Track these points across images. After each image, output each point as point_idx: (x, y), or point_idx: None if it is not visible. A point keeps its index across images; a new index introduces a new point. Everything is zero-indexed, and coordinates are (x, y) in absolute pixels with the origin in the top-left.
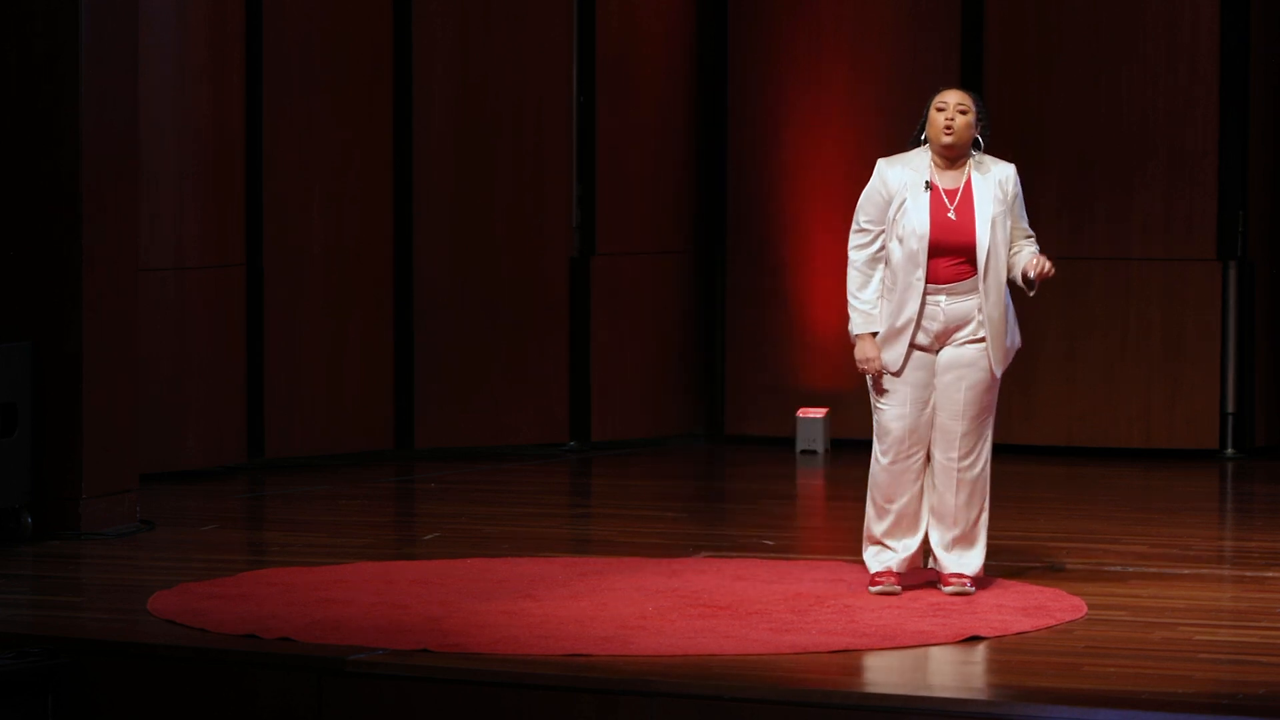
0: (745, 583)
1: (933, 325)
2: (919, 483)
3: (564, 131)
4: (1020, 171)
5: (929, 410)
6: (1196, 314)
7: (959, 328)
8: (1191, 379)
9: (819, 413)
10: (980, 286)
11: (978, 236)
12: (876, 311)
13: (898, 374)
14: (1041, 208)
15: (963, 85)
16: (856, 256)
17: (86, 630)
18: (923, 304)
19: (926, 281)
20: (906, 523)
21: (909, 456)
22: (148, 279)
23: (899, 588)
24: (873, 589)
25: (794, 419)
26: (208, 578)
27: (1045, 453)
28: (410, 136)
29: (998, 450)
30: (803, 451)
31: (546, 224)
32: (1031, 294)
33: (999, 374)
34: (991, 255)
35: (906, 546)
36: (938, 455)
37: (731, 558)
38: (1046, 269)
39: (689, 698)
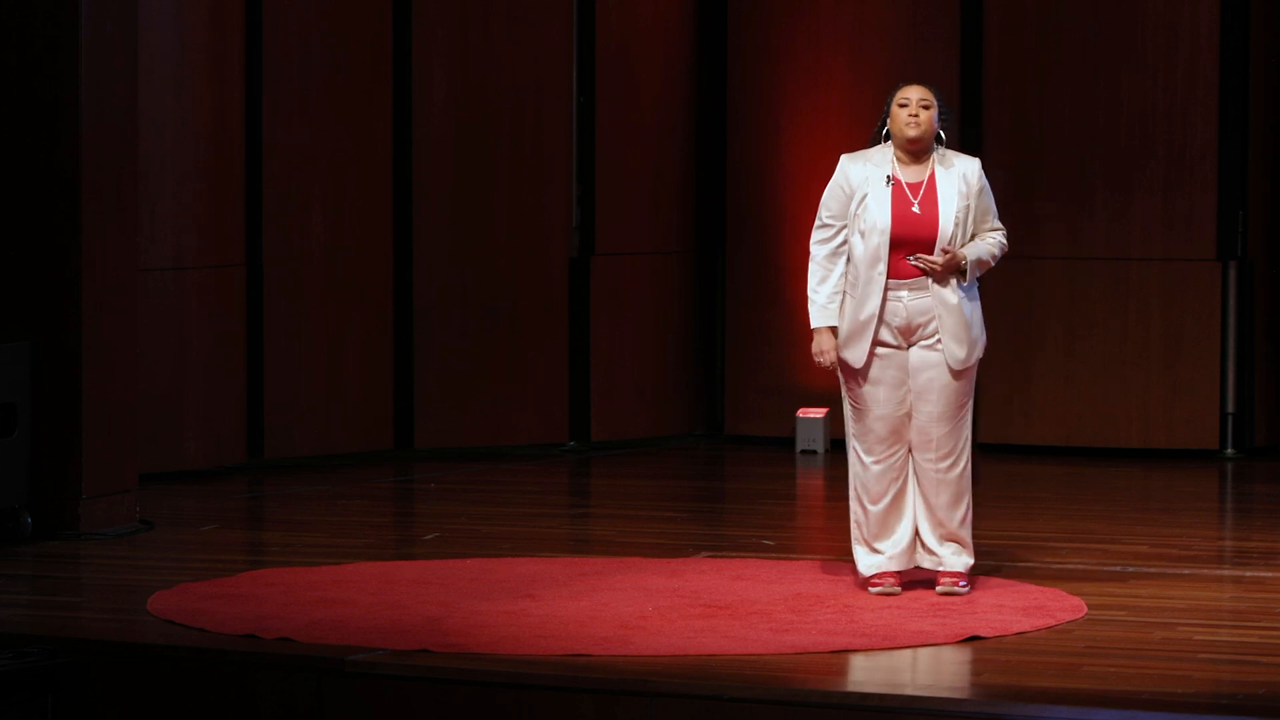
0: (745, 583)
1: (895, 320)
2: (902, 481)
3: (564, 131)
4: (1019, 171)
5: (907, 408)
6: (1196, 314)
7: (923, 324)
8: (1191, 379)
9: (819, 413)
10: (936, 282)
11: (940, 229)
12: (834, 306)
13: (862, 370)
14: (1041, 208)
15: (962, 86)
16: (817, 251)
17: (86, 630)
18: (884, 300)
19: (888, 277)
20: (893, 522)
21: (892, 455)
22: (148, 279)
23: (899, 588)
24: (873, 589)
25: (794, 419)
26: (208, 578)
27: (1045, 453)
28: (410, 136)
29: (998, 450)
30: (803, 451)
31: (546, 224)
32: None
33: (957, 368)
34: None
35: (895, 545)
36: (918, 457)
37: (731, 558)
38: (932, 261)
39: (689, 698)
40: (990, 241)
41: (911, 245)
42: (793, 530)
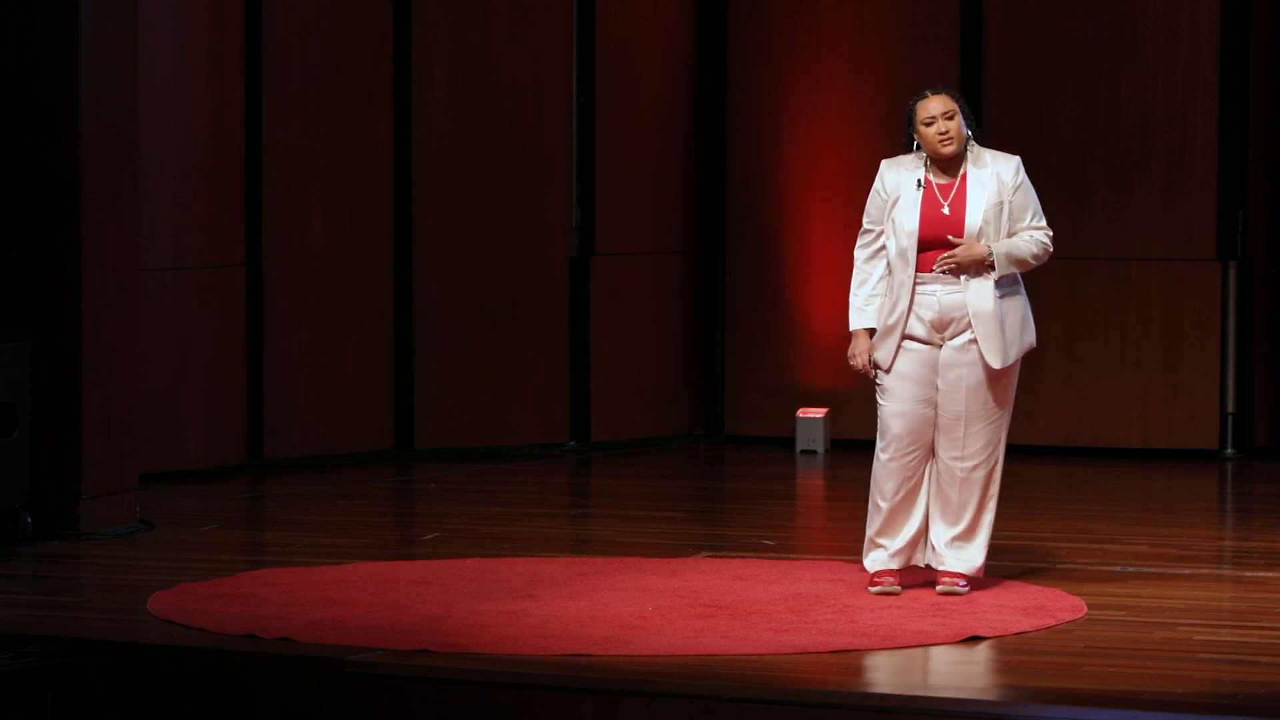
0: (745, 583)
1: (927, 314)
2: (915, 480)
3: (564, 131)
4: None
5: (930, 408)
6: (1196, 314)
7: (957, 319)
8: (1191, 379)
9: (819, 413)
10: (970, 279)
11: (967, 229)
12: (870, 309)
13: (889, 370)
14: (1042, 208)
15: (962, 86)
16: (858, 255)
17: (86, 630)
18: (913, 299)
19: (919, 272)
20: (899, 519)
21: (908, 454)
22: (148, 279)
23: (899, 587)
24: (872, 589)
25: (794, 419)
26: (208, 578)
27: (1045, 453)
28: (410, 136)
29: None
30: (803, 451)
31: (546, 224)
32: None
33: (996, 366)
34: None
35: (896, 542)
36: (940, 453)
37: (731, 558)
38: (948, 261)
39: (689, 698)
40: (1026, 239)
41: (940, 246)
42: (793, 530)
